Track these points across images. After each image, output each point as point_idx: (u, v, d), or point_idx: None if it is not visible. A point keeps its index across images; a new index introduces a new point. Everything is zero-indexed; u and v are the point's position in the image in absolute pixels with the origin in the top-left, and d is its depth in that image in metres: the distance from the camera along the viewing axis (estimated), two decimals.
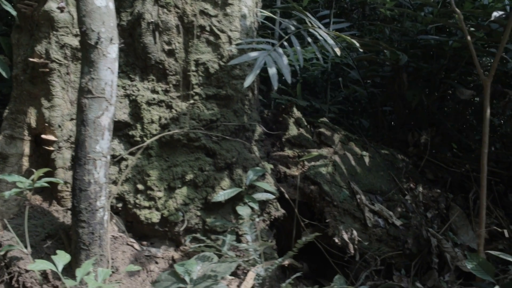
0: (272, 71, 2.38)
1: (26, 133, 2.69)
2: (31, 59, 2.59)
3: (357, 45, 2.94)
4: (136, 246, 2.65)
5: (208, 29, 2.65)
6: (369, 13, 6.04)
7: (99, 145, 2.23)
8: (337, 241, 2.72)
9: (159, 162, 2.67)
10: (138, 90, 2.68)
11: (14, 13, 2.58)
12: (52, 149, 2.63)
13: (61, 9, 2.56)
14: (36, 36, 2.62)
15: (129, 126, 2.71)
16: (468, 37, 2.57)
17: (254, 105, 2.92)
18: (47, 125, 2.63)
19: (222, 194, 2.60)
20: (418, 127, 3.91)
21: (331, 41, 2.80)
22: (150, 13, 2.61)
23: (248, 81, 2.37)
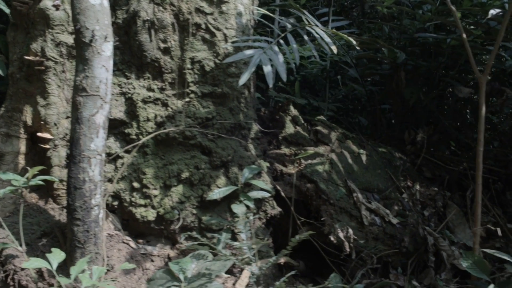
0: (267, 69, 2.37)
1: (22, 131, 2.69)
2: (26, 57, 2.59)
3: (354, 43, 2.94)
4: (132, 244, 2.65)
5: (203, 27, 2.64)
6: (368, 11, 6.02)
7: (94, 143, 2.23)
8: (332, 239, 2.72)
9: (155, 160, 2.67)
10: (134, 88, 2.68)
11: (7, 11, 2.57)
12: (48, 147, 2.63)
13: (56, 7, 2.56)
14: (31, 34, 2.62)
15: (125, 124, 2.70)
16: (463, 35, 2.56)
17: (250, 103, 2.91)
18: (43, 123, 2.63)
19: (217, 192, 2.60)
20: (416, 125, 3.90)
21: (327, 39, 2.80)
22: (145, 10, 2.60)
23: (243, 79, 2.37)
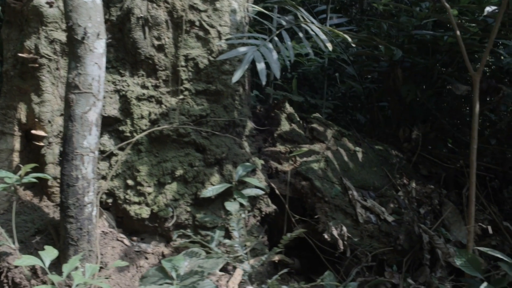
0: (260, 66, 2.36)
1: (16, 128, 2.68)
2: (20, 55, 2.59)
3: (349, 40, 2.93)
4: (126, 241, 2.65)
5: (197, 24, 2.63)
6: (367, 8, 6.00)
7: (87, 140, 2.23)
8: (326, 237, 2.71)
9: (149, 157, 2.66)
10: (128, 85, 2.67)
11: None
12: (42, 144, 2.63)
13: (50, 4, 2.55)
14: (25, 31, 2.61)
15: (119, 121, 2.70)
16: (457, 32, 2.55)
17: (245, 100, 2.91)
18: (37, 120, 2.63)
19: (210, 189, 2.59)
20: (413, 123, 3.89)
21: (323, 36, 2.78)
22: (139, 8, 2.59)
23: (236, 76, 2.36)
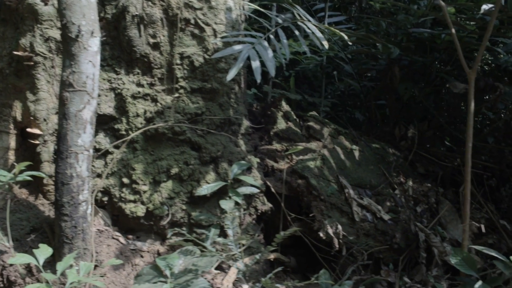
0: (255, 64, 2.36)
1: (11, 126, 2.68)
2: (16, 53, 2.58)
3: (346, 38, 2.92)
4: (121, 239, 2.65)
5: (192, 22, 2.63)
6: (366, 6, 5.98)
7: (81, 138, 2.22)
8: (322, 235, 2.71)
9: (144, 155, 2.66)
10: (123, 83, 2.67)
11: None
12: (37, 142, 2.62)
13: (45, 2, 2.55)
14: (20, 29, 2.61)
15: (114, 119, 2.70)
16: (452, 30, 2.54)
17: (240, 98, 2.90)
18: (32, 118, 2.62)
19: (205, 188, 2.59)
20: (410, 121, 3.88)
21: (319, 34, 2.78)
22: (134, 6, 2.59)
23: (231, 74, 2.36)
